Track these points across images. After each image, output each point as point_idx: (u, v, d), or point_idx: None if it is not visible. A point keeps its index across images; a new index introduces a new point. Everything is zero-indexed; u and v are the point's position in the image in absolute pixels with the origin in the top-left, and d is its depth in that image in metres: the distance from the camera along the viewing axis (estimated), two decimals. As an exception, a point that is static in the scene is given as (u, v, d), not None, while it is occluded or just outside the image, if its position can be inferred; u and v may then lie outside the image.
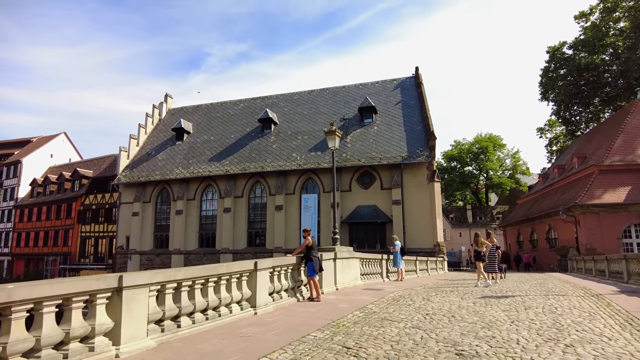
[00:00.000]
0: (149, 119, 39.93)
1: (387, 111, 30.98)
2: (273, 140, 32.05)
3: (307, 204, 28.45)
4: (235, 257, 29.52)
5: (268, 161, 30.07)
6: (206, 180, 31.94)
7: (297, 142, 30.81)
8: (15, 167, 49.27)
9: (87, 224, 39.75)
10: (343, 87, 35.33)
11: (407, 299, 8.74)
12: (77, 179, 42.35)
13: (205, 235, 31.68)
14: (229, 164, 31.42)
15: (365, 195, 27.50)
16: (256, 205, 30.60)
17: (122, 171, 35.94)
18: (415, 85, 32.93)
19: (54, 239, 42.21)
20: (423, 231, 26.07)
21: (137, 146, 37.94)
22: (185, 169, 32.85)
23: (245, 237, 30.00)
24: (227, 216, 30.10)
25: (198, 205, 32.20)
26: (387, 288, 10.93)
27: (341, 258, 10.21)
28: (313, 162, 28.45)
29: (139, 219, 33.46)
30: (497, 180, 61.79)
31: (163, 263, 32.06)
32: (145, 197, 33.97)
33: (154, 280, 4.80)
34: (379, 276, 13.98)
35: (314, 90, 36.42)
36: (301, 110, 34.19)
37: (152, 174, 33.79)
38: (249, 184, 30.63)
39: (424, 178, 26.80)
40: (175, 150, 35.59)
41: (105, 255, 37.95)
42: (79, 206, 40.58)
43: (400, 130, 28.81)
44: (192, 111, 40.64)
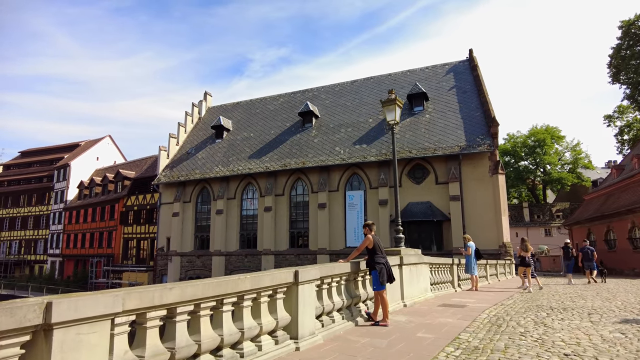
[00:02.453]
0: (188, 118, 39.10)
1: (439, 98, 28.05)
2: (314, 134, 29.95)
3: (352, 201, 26.11)
4: (277, 259, 27.67)
5: (309, 156, 27.99)
6: (246, 178, 30.36)
7: (340, 136, 28.54)
8: (65, 171, 50.27)
9: (129, 225, 39.45)
10: (389, 75, 32.69)
11: (512, 322, 6.25)
12: (119, 180, 42.30)
13: (246, 235, 30.08)
14: (269, 161, 29.65)
15: (418, 191, 24.75)
16: (298, 203, 28.61)
17: (162, 171, 35.18)
18: (470, 68, 29.75)
19: (99, 240, 42.35)
20: (486, 230, 22.97)
21: (176, 145, 37.14)
22: (225, 167, 31.46)
23: (287, 238, 28.06)
24: (268, 215, 28.30)
25: (238, 205, 30.67)
26: (469, 303, 8.42)
27: (408, 264, 7.77)
28: (358, 156, 26.05)
29: (179, 220, 32.43)
30: (557, 175, 56.72)
31: (204, 265, 30.82)
32: (185, 197, 32.92)
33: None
34: (449, 285, 11.39)
35: (357, 80, 34.02)
36: (344, 101, 31.89)
37: (192, 173, 32.68)
38: (290, 181, 28.69)
39: (485, 170, 23.71)
40: (215, 149, 34.36)
41: (147, 256, 37.39)
42: (121, 207, 40.41)
43: (457, 118, 25.83)
44: (232, 108, 39.41)
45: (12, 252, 53.15)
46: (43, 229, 50.75)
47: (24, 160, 60.88)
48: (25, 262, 51.21)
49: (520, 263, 13.55)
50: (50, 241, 49.14)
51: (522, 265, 13.42)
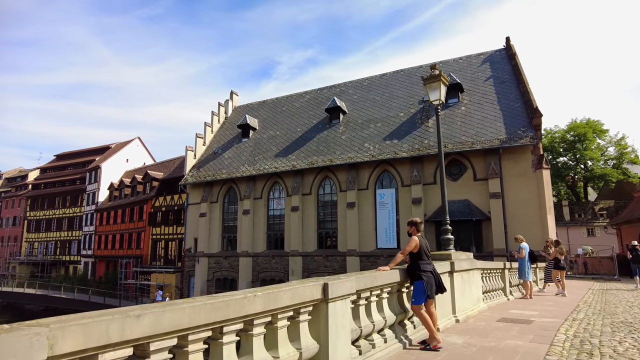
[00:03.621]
0: (214, 118, 38.71)
1: (475, 89, 26.32)
2: (342, 130, 28.77)
3: (382, 200, 24.77)
4: (304, 260, 26.65)
5: (337, 153, 26.83)
6: (273, 177, 29.50)
7: (369, 131, 27.24)
8: (96, 173, 51.05)
9: (157, 226, 39.41)
10: (420, 67, 31.12)
11: (605, 348, 4.90)
12: (148, 181, 42.39)
13: (273, 236, 29.23)
14: (295, 159, 28.68)
15: (454, 188, 23.15)
16: (325, 203, 27.49)
17: (189, 171, 34.86)
18: (507, 57, 27.84)
19: (128, 241, 42.59)
20: (529, 230, 21.10)
21: (203, 145, 36.78)
22: (252, 166, 30.73)
23: (315, 239, 26.98)
24: (295, 215, 27.32)
25: (265, 205, 29.85)
26: (534, 317, 7.05)
27: (460, 271, 6.44)
28: (389, 152, 24.68)
29: (207, 220, 31.95)
30: (599, 172, 53.39)
31: (231, 266, 30.19)
32: (212, 197, 32.42)
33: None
34: (500, 293, 9.96)
35: (386, 73, 32.60)
36: (372, 96, 30.56)
37: (219, 173, 32.14)
38: (318, 179, 27.61)
39: (528, 165, 21.90)
40: (241, 148, 33.73)
41: (175, 257, 37.18)
42: (150, 208, 40.43)
43: (495, 109, 24.08)
44: (258, 107, 38.74)
45: (49, 253, 54.49)
46: (76, 230, 51.72)
47: (59, 163, 62.47)
48: (60, 262, 52.36)
49: (555, 266, 12.62)
50: (83, 242, 49.97)
51: (557, 269, 12.55)
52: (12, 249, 60.16)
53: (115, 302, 31.18)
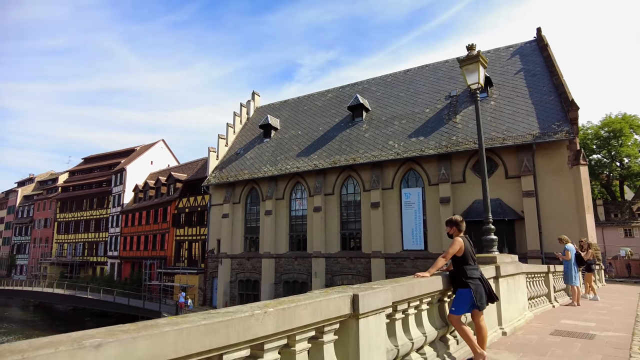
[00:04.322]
0: (237, 118, 38.54)
1: (505, 82, 25.09)
2: (365, 128, 27.98)
3: (408, 200, 23.86)
4: (328, 262, 25.97)
5: (360, 152, 26.06)
6: (295, 177, 28.97)
7: (393, 129, 26.36)
8: (121, 175, 51.76)
9: (180, 227, 39.49)
10: (446, 62, 30.02)
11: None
12: (171, 183, 42.58)
13: (295, 237, 28.69)
14: (317, 158, 28.06)
15: (484, 186, 22.04)
16: (349, 203, 26.74)
17: (211, 172, 34.74)
18: (539, 49, 26.46)
19: (153, 242, 42.87)
20: (566, 231, 19.71)
21: (225, 146, 36.63)
22: (273, 166, 30.30)
23: (338, 240, 26.27)
24: (318, 216, 26.68)
25: (287, 205, 29.35)
26: (592, 329, 6.15)
27: (505, 276, 5.60)
28: (414, 150, 23.76)
29: (229, 221, 31.70)
30: (637, 169, 50.83)
31: (254, 267, 29.81)
32: (234, 198, 32.16)
33: None
34: (545, 300, 9.01)
35: (411, 69, 31.62)
36: (397, 92, 29.65)
37: (241, 174, 31.86)
38: (340, 179, 26.90)
39: (564, 161, 20.61)
40: (263, 148, 33.38)
41: (199, 259, 37.13)
42: (174, 210, 40.58)
43: (527, 103, 22.84)
44: (279, 107, 38.36)
45: (77, 254, 55.63)
46: (103, 232, 52.57)
47: (86, 166, 63.81)
48: (88, 263, 53.34)
49: (587, 269, 11.90)
50: (109, 243, 50.72)
51: (588, 271, 11.94)
52: (43, 250, 61.79)
53: (139, 303, 31.27)
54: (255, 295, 29.39)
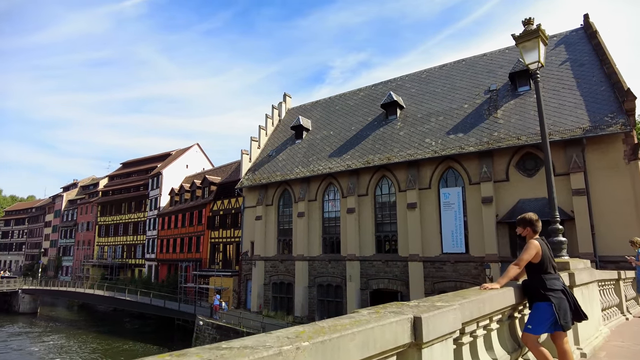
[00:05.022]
0: (268, 121, 38.46)
1: (549, 74, 23.51)
2: (400, 126, 27.04)
3: (447, 200, 22.75)
4: (362, 265, 25.20)
5: (395, 151, 25.16)
6: (327, 178, 28.39)
7: (430, 126, 25.31)
8: (158, 179, 52.85)
9: (215, 229, 39.73)
10: (484, 55, 28.64)
11: None
12: (206, 186, 42.97)
13: (329, 239, 28.09)
14: (350, 159, 27.37)
15: (530, 186, 20.65)
16: (383, 204, 25.87)
17: (244, 174, 34.75)
18: (587, 37, 24.74)
19: (188, 245, 43.39)
20: (623, 232, 18.18)
21: (258, 148, 36.59)
22: (305, 167, 29.86)
23: (372, 242, 25.44)
24: (351, 217, 25.96)
25: (320, 207, 28.80)
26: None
27: (580, 285, 4.70)
28: (453, 147, 22.63)
29: (262, 223, 31.52)
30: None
31: (287, 270, 29.44)
32: (267, 200, 31.96)
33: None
34: (616, 311, 7.95)
35: (447, 64, 30.41)
36: (432, 88, 28.54)
37: (273, 175, 31.62)
38: (374, 179, 26.07)
39: (619, 156, 18.99)
40: (295, 149, 33.04)
41: (233, 261, 37.17)
42: (208, 212, 40.90)
43: (575, 95, 21.30)
44: (311, 108, 37.95)
45: (117, 256, 57.27)
46: (141, 235, 53.82)
47: (124, 171, 65.73)
48: (127, 265, 54.76)
49: None
50: (147, 246, 51.84)
51: None
52: (86, 252, 64.09)
53: (175, 305, 31.55)
54: (289, 298, 29.00)
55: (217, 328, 25.83)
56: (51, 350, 27.92)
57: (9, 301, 45.75)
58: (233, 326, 25.10)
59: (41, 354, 27.14)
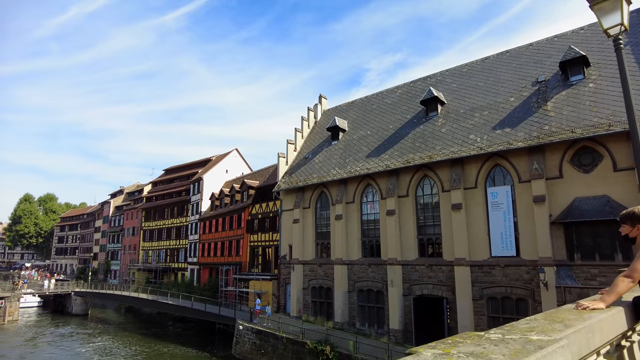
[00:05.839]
0: (304, 123, 38.13)
1: (605, 61, 21.59)
2: (441, 123, 25.81)
3: (495, 200, 21.33)
4: (405, 270, 24.14)
5: (437, 149, 23.97)
6: (365, 179, 27.56)
7: (474, 121, 23.95)
8: (199, 184, 53.81)
9: (254, 233, 39.75)
10: (529, 46, 26.89)
11: None
12: (245, 190, 43.17)
13: (368, 242, 27.21)
14: (389, 158, 26.40)
15: (587, 182, 18.95)
16: (426, 205, 24.71)
17: (281, 177, 34.52)
18: (648, 19, 22.62)
19: (228, 249, 43.71)
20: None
21: (294, 151, 36.30)
22: (342, 168, 29.16)
23: (415, 246, 24.32)
24: (391, 220, 24.97)
25: (358, 209, 28.00)
26: None
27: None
28: (500, 143, 21.20)
29: (300, 226, 31.10)
30: None
31: (326, 274, 28.81)
32: (304, 203, 31.53)
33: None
34: None
35: (489, 56, 28.84)
36: (475, 82, 27.11)
37: (310, 178, 31.15)
38: (415, 179, 24.97)
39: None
40: (331, 151, 32.43)
41: (272, 264, 36.98)
42: (247, 216, 41.01)
43: (637, 81, 19.38)
44: (347, 108, 37.27)
45: (161, 260, 58.75)
46: (183, 239, 54.94)
47: (167, 177, 67.53)
48: (170, 269, 56.03)
49: None
50: (189, 250, 52.81)
51: None
52: (132, 257, 66.32)
53: (215, 309, 31.64)
54: (328, 303, 28.34)
55: (256, 333, 25.54)
56: (97, 352, 28.70)
57: (63, 303, 47.88)
58: (272, 331, 24.71)
59: (89, 354, 27.93)
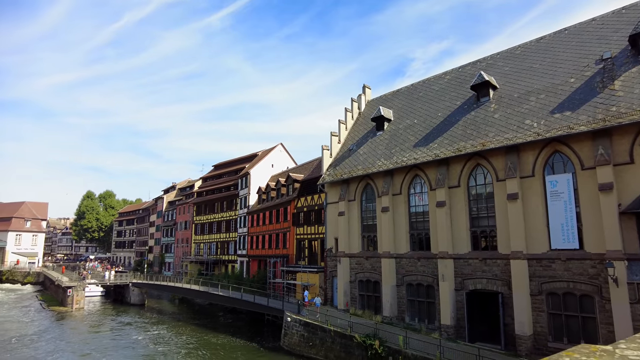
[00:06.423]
0: (348, 114, 37.56)
1: (683, 33, 19.38)
2: (494, 108, 24.37)
3: (555, 189, 19.82)
4: (457, 264, 23.12)
5: (490, 136, 22.65)
6: (412, 170, 26.65)
7: (529, 105, 22.38)
8: (246, 179, 54.80)
9: (300, 226, 39.86)
10: (592, 21, 24.69)
11: None
12: (290, 183, 43.40)
13: (417, 235, 26.34)
14: (437, 147, 25.33)
15: (664, 168, 17.11)
16: (478, 195, 23.47)
17: (325, 170, 34.26)
18: None
19: (276, 241, 44.22)
20: None
21: (338, 143, 35.88)
22: (388, 159, 28.38)
23: (467, 238, 23.20)
24: (442, 212, 23.96)
25: (405, 201, 27.16)
26: None
27: None
28: (560, 127, 19.62)
29: (345, 219, 30.72)
30: None
31: (373, 267, 28.28)
32: (349, 196, 31.08)
33: None
34: None
35: (545, 36, 26.83)
36: (529, 64, 25.34)
37: (354, 170, 30.63)
38: (467, 168, 23.77)
39: None
40: (376, 142, 31.70)
41: (318, 257, 36.92)
42: (293, 209, 41.20)
43: None
44: (392, 97, 36.28)
45: (212, 253, 60.59)
46: (232, 232, 56.27)
47: (216, 172, 69.37)
48: (221, 261, 57.65)
49: None
50: (238, 243, 54.02)
51: None
52: (184, 249, 68.93)
53: (264, 300, 32.03)
54: (376, 297, 27.83)
55: (304, 325, 25.52)
56: (152, 340, 29.93)
57: (122, 293, 50.60)
58: (320, 324, 24.59)
59: (145, 342, 29.19)
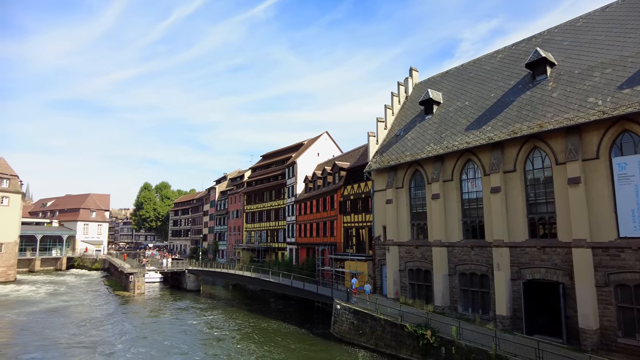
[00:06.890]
0: (395, 99, 36.65)
1: None
2: (552, 86, 22.69)
3: (623, 171, 18.20)
4: (513, 253, 22.00)
5: (549, 116, 21.14)
6: (464, 154, 25.54)
7: (592, 82, 20.60)
8: (293, 168, 55.30)
9: (347, 214, 39.68)
10: (669, -16, 22.23)
11: None
12: (336, 171, 43.23)
13: (470, 223, 25.33)
14: (491, 130, 24.06)
15: None
16: (536, 180, 22.06)
17: (372, 157, 33.73)
18: None
19: (323, 229, 44.39)
20: None
21: (385, 129, 35.14)
22: (438, 144, 27.40)
23: (525, 226, 21.94)
24: (496, 198, 22.82)
25: (457, 187, 26.14)
26: None
27: None
28: (629, 104, 17.88)
29: (393, 207, 30.14)
30: None
31: (423, 256, 27.62)
32: (397, 183, 30.42)
33: None
34: None
35: (611, 4, 24.52)
36: (592, 37, 23.30)
37: (402, 156, 29.87)
38: (523, 152, 22.39)
39: None
40: (425, 126, 30.69)
41: (367, 245, 36.64)
42: (339, 197, 41.06)
43: None
44: (440, 79, 34.92)
45: (262, 240, 62.05)
46: (281, 220, 57.19)
47: (264, 162, 70.57)
48: (271, 249, 58.91)
49: None
50: (287, 231, 54.85)
51: None
52: (236, 237, 71.09)
53: (313, 287, 32.30)
54: (427, 286, 27.20)
55: (354, 313, 25.48)
56: (207, 324, 31.14)
57: (179, 279, 53.09)
58: (370, 312, 24.44)
59: (199, 327, 30.43)
